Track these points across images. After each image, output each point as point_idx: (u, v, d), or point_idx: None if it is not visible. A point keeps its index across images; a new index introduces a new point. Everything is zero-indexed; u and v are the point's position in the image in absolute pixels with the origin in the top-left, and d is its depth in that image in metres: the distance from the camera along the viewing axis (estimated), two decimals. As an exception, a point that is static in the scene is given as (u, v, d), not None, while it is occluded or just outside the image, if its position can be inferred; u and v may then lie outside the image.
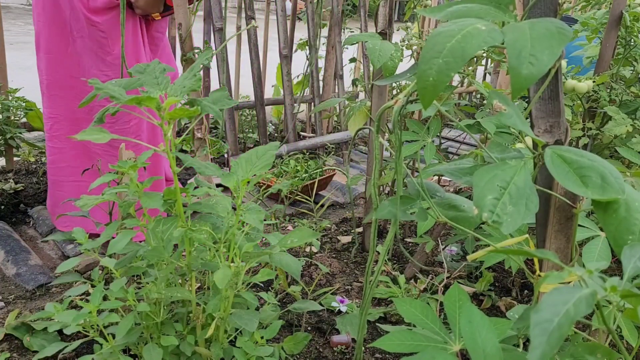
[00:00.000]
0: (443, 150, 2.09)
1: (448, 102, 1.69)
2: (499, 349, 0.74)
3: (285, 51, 3.06)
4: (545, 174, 0.80)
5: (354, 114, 1.73)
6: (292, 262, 1.06)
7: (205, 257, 1.13)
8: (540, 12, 0.79)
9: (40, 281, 1.72)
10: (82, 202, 1.10)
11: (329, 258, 1.95)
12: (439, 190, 0.97)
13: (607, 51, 1.87)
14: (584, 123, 1.87)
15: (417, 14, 2.73)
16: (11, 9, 10.60)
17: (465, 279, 1.81)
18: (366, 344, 1.47)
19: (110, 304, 1.06)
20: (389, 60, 1.33)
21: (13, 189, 2.29)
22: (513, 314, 1.01)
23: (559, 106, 0.81)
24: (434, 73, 0.60)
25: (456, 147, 3.13)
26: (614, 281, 0.57)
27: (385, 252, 0.98)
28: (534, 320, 0.50)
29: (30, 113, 2.45)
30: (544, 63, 0.57)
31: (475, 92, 4.26)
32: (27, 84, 2.73)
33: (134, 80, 1.01)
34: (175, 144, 1.01)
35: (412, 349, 0.88)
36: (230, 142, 2.80)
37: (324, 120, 3.47)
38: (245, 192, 1.05)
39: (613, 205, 0.69)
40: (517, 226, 0.65)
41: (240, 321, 1.05)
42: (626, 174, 1.10)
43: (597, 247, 1.10)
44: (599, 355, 0.70)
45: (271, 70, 3.74)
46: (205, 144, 1.62)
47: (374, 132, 0.92)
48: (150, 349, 1.06)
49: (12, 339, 1.41)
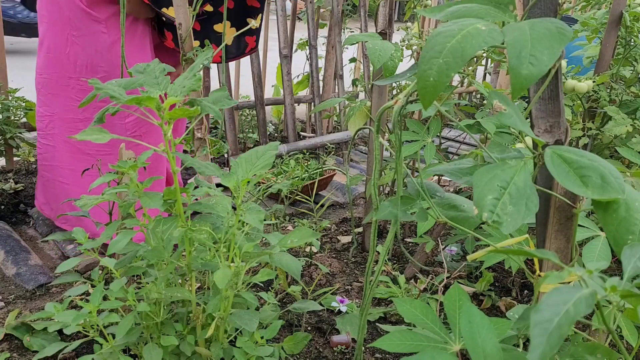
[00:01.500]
0: (443, 150, 2.09)
1: (448, 102, 1.69)
2: (499, 349, 0.74)
3: (285, 51, 3.06)
4: (545, 174, 0.80)
5: (354, 114, 1.73)
6: (292, 262, 1.06)
7: (205, 257, 1.12)
8: (540, 12, 0.79)
9: (40, 281, 1.72)
10: (82, 202, 1.10)
11: (329, 258, 1.95)
12: (439, 190, 0.97)
13: (607, 51, 1.87)
14: (584, 123, 1.87)
15: (417, 14, 2.73)
16: (11, 9, 10.57)
17: (465, 279, 1.81)
18: (366, 344, 1.47)
19: (110, 304, 1.06)
20: (389, 60, 1.33)
21: (13, 189, 2.29)
22: (513, 314, 1.01)
23: (559, 106, 0.81)
24: (434, 73, 0.60)
25: (456, 147, 3.13)
26: (614, 281, 0.57)
27: (385, 252, 0.98)
28: (534, 320, 0.50)
29: (30, 113, 2.45)
30: (544, 63, 0.57)
31: (475, 92, 4.26)
32: (27, 84, 2.73)
33: (134, 80, 1.01)
34: (175, 144, 1.01)
35: (412, 349, 0.88)
36: (230, 141, 2.80)
37: (324, 120, 3.48)
38: (245, 192, 1.05)
39: (613, 205, 0.69)
40: (517, 226, 0.65)
41: (240, 321, 1.05)
42: (626, 174, 1.10)
43: (597, 247, 1.10)
44: (599, 355, 0.70)
45: (271, 70, 3.74)
46: (205, 144, 1.62)
47: (374, 132, 0.92)
48: (150, 349, 1.06)
49: (12, 339, 1.41)
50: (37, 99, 1.89)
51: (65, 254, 1.93)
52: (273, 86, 3.89)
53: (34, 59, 1.87)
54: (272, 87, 3.90)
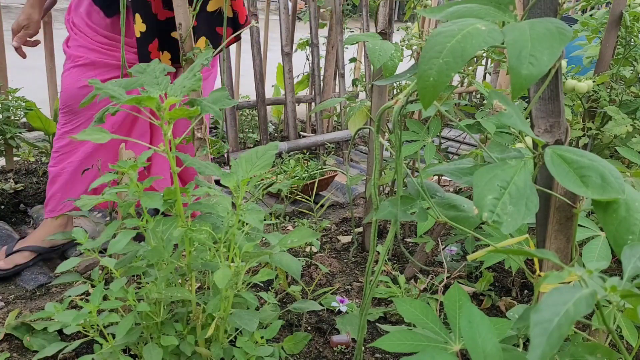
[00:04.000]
0: (443, 150, 2.09)
1: (448, 102, 1.69)
2: (499, 349, 0.74)
3: (287, 48, 3.06)
4: (545, 174, 0.80)
5: (354, 114, 1.73)
6: (292, 262, 1.06)
7: (205, 257, 1.13)
8: (540, 12, 0.79)
9: (40, 281, 1.72)
10: (82, 202, 1.10)
11: (329, 258, 1.95)
12: (439, 190, 0.97)
13: (607, 51, 1.87)
14: (584, 123, 1.87)
15: (417, 14, 2.73)
16: (11, 9, 10.60)
17: (465, 279, 1.81)
18: (366, 344, 1.47)
19: (110, 304, 1.06)
20: (389, 60, 1.33)
21: (13, 189, 2.30)
22: (513, 314, 1.01)
23: (559, 106, 0.81)
24: (434, 73, 0.60)
25: (456, 147, 3.13)
26: (614, 281, 0.57)
27: (385, 252, 0.97)
28: (533, 320, 0.50)
29: (30, 113, 2.45)
30: (544, 63, 0.57)
31: (475, 92, 4.26)
32: (27, 84, 2.73)
33: (134, 80, 1.01)
34: (175, 144, 1.01)
35: (412, 349, 0.88)
36: (231, 138, 2.80)
37: (324, 119, 3.48)
38: (246, 192, 1.05)
39: (613, 205, 0.69)
40: (517, 226, 0.65)
41: (240, 321, 1.05)
42: (626, 174, 1.10)
43: (597, 247, 1.10)
44: (599, 355, 0.70)
45: (271, 69, 3.74)
46: (205, 144, 1.62)
47: (374, 132, 0.92)
48: (150, 349, 1.06)
49: (12, 339, 1.41)
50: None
51: (65, 254, 1.93)
52: (273, 86, 3.89)
53: (34, 59, 1.86)
54: (272, 87, 3.90)
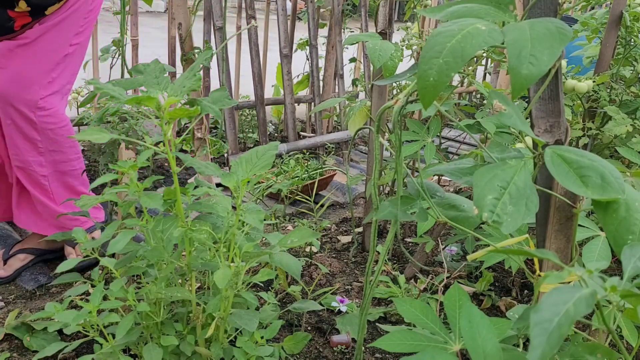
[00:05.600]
0: (443, 150, 2.09)
1: (448, 102, 1.69)
2: (499, 349, 0.74)
3: (286, 50, 3.06)
4: (545, 174, 0.80)
5: (354, 114, 1.73)
6: (292, 262, 1.06)
7: (205, 257, 1.13)
8: (540, 12, 0.79)
9: (40, 281, 1.72)
10: (82, 202, 1.10)
11: (329, 258, 1.95)
12: (439, 190, 0.97)
13: (607, 51, 1.87)
14: (584, 123, 1.87)
15: (417, 14, 2.73)
16: (11, 8, 10.54)
17: (465, 279, 1.81)
18: (366, 344, 1.47)
19: (110, 304, 1.06)
20: (389, 60, 1.33)
21: (13, 189, 2.29)
22: (513, 314, 1.01)
23: (559, 106, 0.81)
24: (434, 73, 0.60)
25: (456, 147, 3.13)
26: (614, 281, 0.57)
27: (385, 252, 0.98)
28: (533, 320, 0.50)
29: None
30: (544, 63, 0.57)
31: (475, 92, 4.25)
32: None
33: (134, 80, 1.01)
34: (175, 144, 1.01)
35: (412, 349, 0.88)
36: (230, 140, 2.80)
37: (324, 120, 3.48)
38: (245, 192, 1.05)
39: (613, 205, 0.69)
40: (517, 226, 0.65)
41: (240, 321, 1.05)
42: (626, 174, 1.10)
43: (597, 247, 1.10)
44: (599, 355, 0.70)
45: (271, 69, 3.74)
46: (205, 144, 1.62)
47: (374, 132, 0.92)
48: (150, 349, 1.06)
49: (12, 339, 1.41)
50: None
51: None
52: (273, 86, 3.89)
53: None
54: (272, 87, 3.90)
